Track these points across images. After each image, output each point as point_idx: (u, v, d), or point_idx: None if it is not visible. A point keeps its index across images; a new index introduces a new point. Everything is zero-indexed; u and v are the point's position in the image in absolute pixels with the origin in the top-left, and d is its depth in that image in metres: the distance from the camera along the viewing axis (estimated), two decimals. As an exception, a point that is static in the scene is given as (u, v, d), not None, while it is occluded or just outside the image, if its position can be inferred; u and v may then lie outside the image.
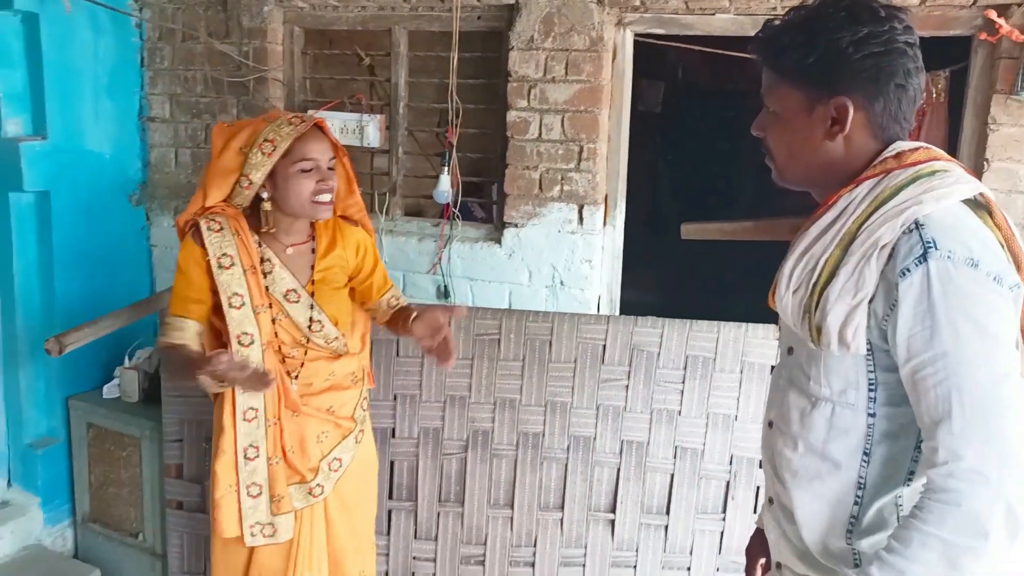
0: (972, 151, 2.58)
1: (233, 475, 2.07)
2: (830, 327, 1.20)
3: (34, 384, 3.20)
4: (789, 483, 1.33)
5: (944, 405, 1.11)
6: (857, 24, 1.20)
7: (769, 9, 2.67)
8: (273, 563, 2.13)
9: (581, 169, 2.92)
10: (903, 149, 1.24)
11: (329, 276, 2.13)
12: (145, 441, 2.99)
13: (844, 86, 1.22)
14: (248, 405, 2.05)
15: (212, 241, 1.98)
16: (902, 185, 1.19)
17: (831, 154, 1.26)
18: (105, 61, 3.30)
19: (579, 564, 2.63)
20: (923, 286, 1.12)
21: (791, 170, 1.32)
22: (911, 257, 1.13)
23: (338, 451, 2.16)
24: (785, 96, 1.27)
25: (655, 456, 2.55)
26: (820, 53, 1.21)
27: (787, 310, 1.28)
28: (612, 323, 2.54)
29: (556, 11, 2.84)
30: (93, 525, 3.21)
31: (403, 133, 3.26)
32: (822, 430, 1.28)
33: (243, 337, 2.01)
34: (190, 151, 3.46)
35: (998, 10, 2.44)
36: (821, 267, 1.22)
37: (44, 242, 3.15)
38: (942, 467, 1.11)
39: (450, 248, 3.14)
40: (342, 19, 3.21)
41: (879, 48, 1.20)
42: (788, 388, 1.35)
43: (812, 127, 1.25)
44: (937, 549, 1.10)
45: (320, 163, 1.99)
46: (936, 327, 1.11)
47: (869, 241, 1.17)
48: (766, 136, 1.32)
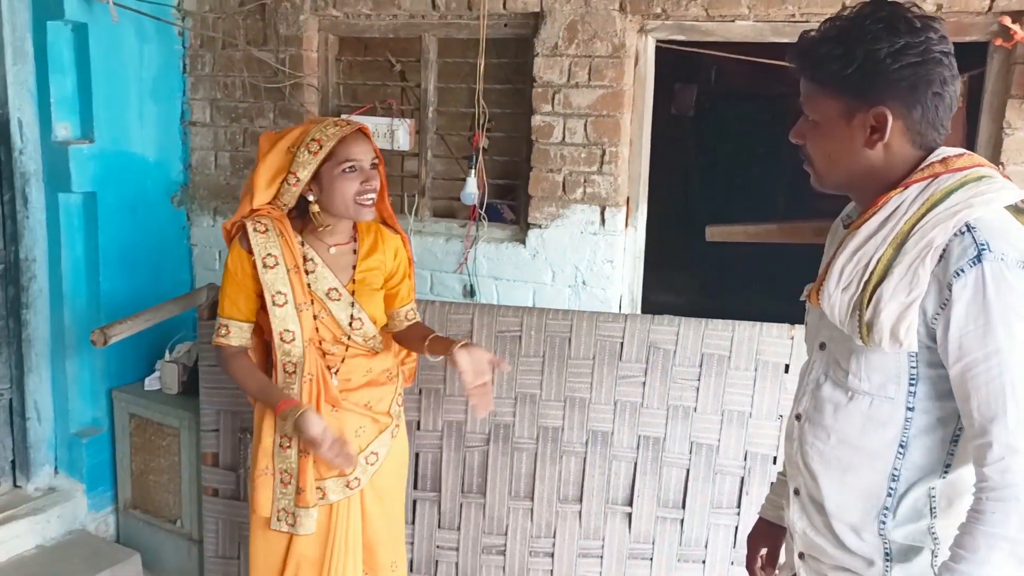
0: (988, 155, 2.60)
1: (269, 460, 2.20)
2: (883, 324, 1.23)
3: (80, 376, 3.36)
4: (820, 475, 1.38)
5: (998, 402, 1.16)
6: (894, 35, 1.23)
7: (788, 16, 2.72)
8: (310, 552, 2.22)
9: (603, 172, 3.00)
10: (948, 155, 1.29)
11: (369, 277, 2.22)
12: (184, 431, 3.12)
13: (883, 96, 1.26)
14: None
15: (258, 242, 2.09)
16: (952, 189, 1.23)
17: (870, 161, 1.30)
18: (149, 68, 3.45)
19: (597, 555, 2.70)
20: (977, 286, 1.17)
21: (831, 176, 1.36)
22: (965, 258, 1.18)
23: (375, 445, 2.25)
24: (824, 105, 1.31)
25: (671, 451, 2.62)
26: (859, 64, 1.24)
27: (835, 307, 1.31)
28: (630, 321, 2.61)
29: (580, 19, 2.93)
30: (134, 511, 3.36)
31: (432, 137, 3.37)
32: (858, 423, 1.33)
33: (285, 334, 2.12)
34: (229, 154, 3.60)
35: (1013, 16, 2.48)
36: (874, 266, 1.25)
37: (91, 241, 3.30)
38: (999, 463, 1.16)
39: (476, 248, 3.24)
40: (374, 27, 3.33)
41: (916, 58, 1.23)
42: (822, 382, 1.40)
43: (852, 135, 1.29)
44: (1005, 549, 1.15)
45: (363, 164, 2.10)
46: (989, 326, 1.17)
47: (923, 242, 1.21)
48: (805, 143, 1.37)
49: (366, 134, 2.14)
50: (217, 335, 2.18)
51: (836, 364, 1.37)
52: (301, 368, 2.13)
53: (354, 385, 2.24)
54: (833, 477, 1.37)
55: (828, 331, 1.40)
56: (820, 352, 1.43)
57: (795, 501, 1.47)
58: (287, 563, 2.25)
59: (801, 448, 1.43)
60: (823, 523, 1.40)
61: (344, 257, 2.21)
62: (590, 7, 2.91)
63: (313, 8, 3.33)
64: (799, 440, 1.44)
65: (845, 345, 1.34)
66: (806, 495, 1.43)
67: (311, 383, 2.13)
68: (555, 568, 2.72)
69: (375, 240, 2.26)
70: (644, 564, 2.68)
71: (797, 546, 1.48)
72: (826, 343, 1.41)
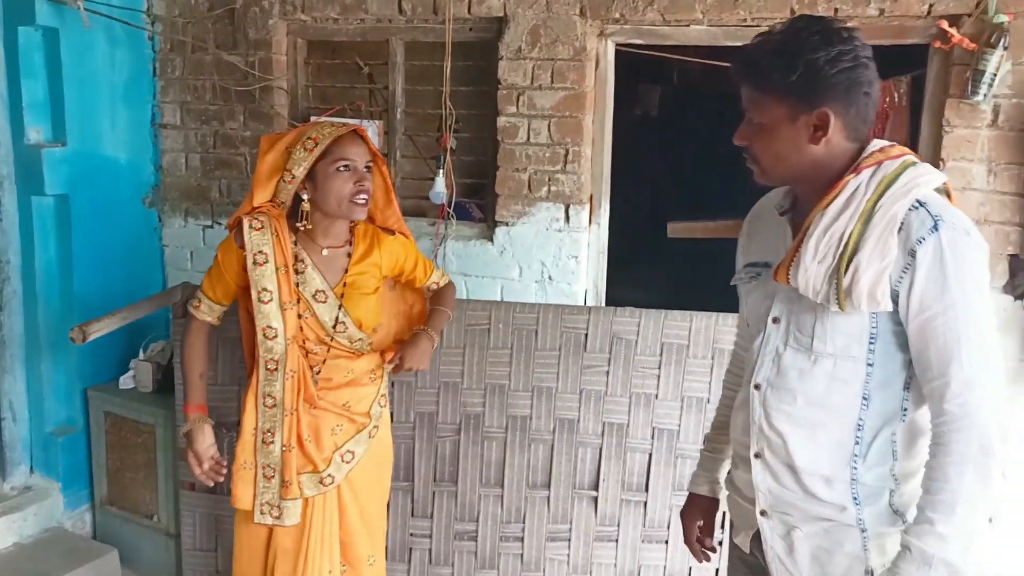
0: (929, 151, 2.76)
1: (250, 454, 2.27)
2: (862, 289, 1.39)
3: (54, 376, 3.40)
4: (789, 435, 1.53)
5: (954, 347, 1.36)
6: (829, 44, 1.40)
7: (740, 20, 2.86)
8: (287, 545, 2.28)
9: (567, 171, 3.12)
10: (884, 145, 1.48)
11: (360, 281, 2.27)
12: (159, 428, 3.18)
13: (823, 98, 1.42)
14: (266, 392, 2.24)
15: (252, 238, 2.17)
16: (899, 172, 1.42)
17: (814, 155, 1.47)
18: (120, 72, 3.50)
19: (565, 539, 2.81)
20: (936, 251, 1.36)
21: (778, 172, 1.52)
22: (924, 228, 1.36)
23: (351, 444, 2.30)
24: (770, 109, 1.46)
25: (634, 437, 2.74)
26: (801, 71, 1.40)
27: (810, 279, 1.45)
28: (593, 313, 2.73)
29: (542, 23, 3.04)
30: (110, 508, 3.41)
31: (401, 138, 3.46)
32: (823, 383, 1.49)
33: (268, 331, 2.19)
34: (200, 156, 3.66)
35: (950, 20, 2.63)
36: (847, 240, 1.41)
37: (63, 242, 3.34)
38: (957, 398, 1.36)
39: (445, 246, 3.33)
40: (342, 31, 3.41)
41: (849, 63, 1.41)
42: (782, 351, 1.55)
43: (797, 134, 1.45)
44: (970, 471, 1.34)
45: (357, 164, 2.16)
46: (946, 284, 1.36)
47: (888, 216, 1.39)
48: (750, 144, 1.52)
49: (363, 136, 2.20)
50: (191, 304, 2.34)
51: (796, 333, 1.52)
52: (283, 365, 2.20)
53: (335, 385, 2.29)
54: (803, 435, 1.52)
55: (784, 305, 1.55)
56: (774, 326, 1.57)
57: (756, 463, 1.60)
58: (267, 555, 2.32)
59: (765, 413, 1.56)
60: (792, 480, 1.54)
61: (337, 260, 2.26)
62: (552, 12, 3.02)
63: (282, 12, 3.40)
64: (762, 406, 1.57)
65: (807, 316, 1.50)
66: (771, 456, 1.56)
67: (292, 380, 2.20)
68: (525, 552, 2.83)
69: (371, 245, 2.30)
70: (610, 546, 2.80)
71: (759, 505, 1.61)
72: (780, 317, 1.56)
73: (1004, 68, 2.56)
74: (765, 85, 1.45)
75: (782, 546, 1.58)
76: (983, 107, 2.62)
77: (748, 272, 1.66)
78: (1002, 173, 2.65)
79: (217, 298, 2.31)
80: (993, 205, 2.67)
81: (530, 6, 3.04)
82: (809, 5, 2.75)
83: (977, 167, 2.67)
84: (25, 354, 3.38)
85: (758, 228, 1.69)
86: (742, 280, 1.68)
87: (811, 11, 2.75)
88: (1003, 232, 2.67)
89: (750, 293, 1.65)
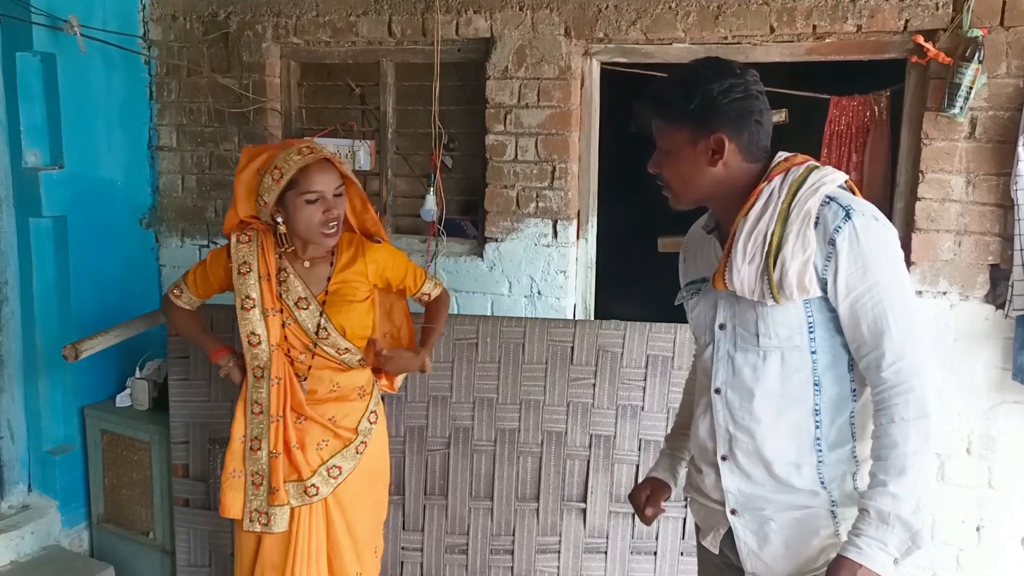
0: (909, 164, 2.80)
1: (240, 463, 2.31)
2: (791, 280, 1.52)
3: (52, 395, 3.44)
4: (755, 428, 1.62)
5: (883, 320, 1.50)
6: (723, 77, 1.57)
7: (721, 38, 2.91)
8: (274, 558, 2.31)
9: (554, 187, 3.16)
10: (787, 155, 1.63)
11: (344, 289, 2.31)
12: (155, 445, 3.21)
13: (718, 124, 1.57)
14: (254, 399, 2.29)
15: (239, 251, 2.28)
16: (806, 175, 1.57)
17: (715, 176, 1.61)
18: (117, 95, 3.57)
19: (554, 551, 2.83)
20: (852, 237, 1.49)
21: (686, 193, 1.65)
22: (838, 219, 1.50)
23: (337, 459, 2.33)
24: (673, 136, 1.61)
25: (621, 448, 2.77)
26: (699, 100, 1.56)
27: (744, 279, 1.57)
28: (579, 326, 2.77)
29: (527, 43, 3.10)
30: (107, 525, 3.44)
31: (393, 157, 3.52)
32: (776, 375, 1.60)
33: (252, 337, 2.26)
34: (195, 177, 3.72)
35: (925, 35, 2.67)
36: (770, 239, 1.54)
37: (61, 264, 3.40)
38: (892, 366, 1.48)
39: (436, 262, 3.38)
40: (334, 53, 3.48)
41: (740, 94, 1.56)
42: (732, 353, 1.66)
43: (697, 157, 1.60)
44: (913, 433, 1.46)
45: (325, 193, 2.19)
46: (867, 265, 1.49)
47: (802, 213, 1.52)
48: (661, 171, 1.66)
49: (332, 161, 2.22)
50: (171, 291, 2.47)
51: (743, 334, 1.64)
52: (268, 372, 2.25)
53: (320, 398, 2.33)
54: (767, 427, 1.62)
55: (726, 311, 1.68)
56: (721, 332, 1.69)
57: (724, 466, 1.69)
58: (255, 566, 2.35)
59: (730, 414, 1.66)
60: (764, 473, 1.63)
61: (320, 269, 2.31)
62: (537, 32, 3.08)
63: (275, 36, 3.47)
64: (725, 408, 1.67)
65: (749, 315, 1.62)
66: (741, 455, 1.65)
67: (278, 386, 2.25)
68: (515, 565, 2.85)
69: (355, 254, 2.34)
70: (599, 557, 2.82)
71: (729, 505, 1.68)
72: (725, 323, 1.68)
73: (980, 81, 2.60)
74: (668, 114, 1.61)
75: (755, 540, 1.66)
76: (960, 120, 2.65)
77: (689, 290, 1.80)
78: (980, 184, 2.68)
79: (198, 292, 2.43)
80: (972, 216, 2.70)
81: (516, 27, 3.11)
82: (788, 22, 2.80)
83: (956, 179, 2.70)
84: (23, 373, 3.42)
85: (692, 251, 1.84)
86: (685, 298, 1.82)
87: (789, 28, 2.80)
88: (983, 243, 2.70)
89: (694, 308, 1.77)
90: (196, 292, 2.44)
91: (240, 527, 2.35)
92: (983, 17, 2.60)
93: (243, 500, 2.29)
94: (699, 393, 1.77)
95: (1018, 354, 2.65)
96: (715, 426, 1.69)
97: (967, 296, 2.73)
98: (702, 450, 1.75)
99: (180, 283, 2.46)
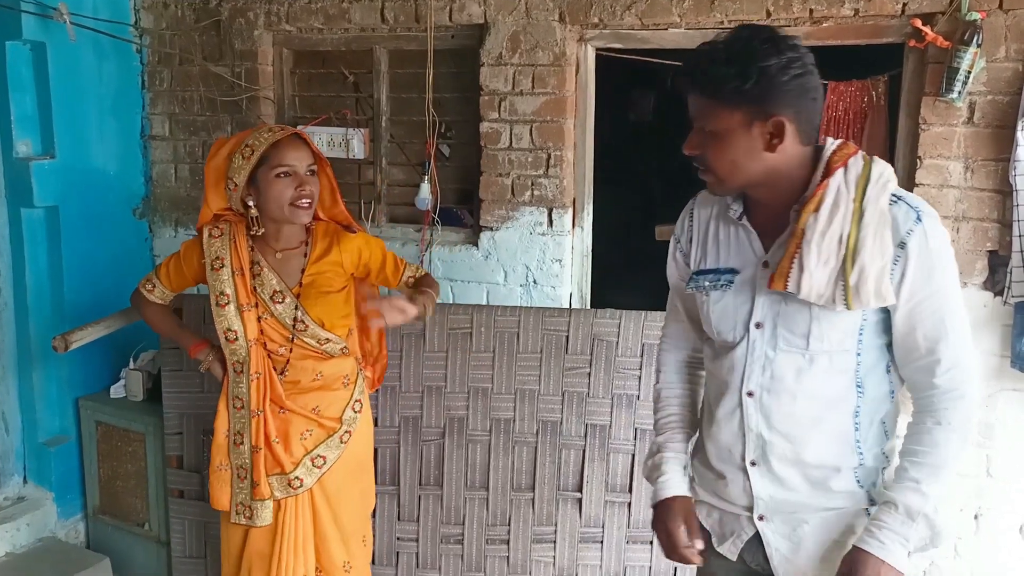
0: (907, 150, 2.77)
1: (225, 456, 2.30)
2: (870, 286, 1.44)
3: (46, 387, 3.43)
4: (794, 434, 1.56)
5: (941, 326, 1.47)
6: (780, 52, 1.41)
7: (717, 23, 2.87)
8: (261, 548, 2.31)
9: (549, 175, 3.14)
10: (836, 144, 1.52)
11: (320, 280, 2.28)
12: (149, 436, 3.20)
13: (777, 105, 1.44)
14: (235, 395, 2.27)
15: (211, 246, 2.23)
16: (868, 169, 1.48)
17: (770, 162, 1.49)
18: (108, 84, 3.54)
19: (550, 541, 2.82)
20: (923, 241, 1.44)
21: (734, 180, 1.52)
22: (909, 221, 1.45)
23: (322, 449, 2.32)
24: (724, 117, 1.46)
25: (617, 438, 2.75)
26: (755, 79, 1.41)
27: (815, 282, 1.46)
28: (574, 315, 2.75)
29: (522, 29, 3.06)
30: (103, 517, 3.44)
31: (387, 145, 3.49)
32: (821, 379, 1.53)
33: (229, 333, 2.23)
34: (188, 166, 3.69)
35: (924, 19, 2.64)
36: (846, 240, 1.45)
37: (54, 254, 3.38)
38: (947, 373, 1.47)
39: (431, 252, 3.36)
40: (327, 40, 3.45)
41: (799, 70, 1.43)
42: (772, 356, 1.55)
43: (752, 142, 1.47)
44: (956, 439, 1.48)
45: (297, 168, 2.16)
46: (932, 270, 1.46)
47: (877, 213, 1.44)
48: (703, 153, 1.52)
49: (304, 139, 2.20)
50: (143, 286, 2.42)
51: (787, 336, 1.54)
52: (247, 367, 2.23)
53: (303, 388, 2.30)
54: (808, 430, 1.55)
55: (766, 310, 1.56)
56: (758, 331, 1.57)
57: (754, 471, 1.61)
58: (243, 557, 2.34)
59: (764, 418, 1.57)
60: (800, 478, 1.57)
61: (293, 260, 2.28)
62: (531, 18, 3.05)
63: (267, 24, 3.44)
64: (759, 413, 1.58)
65: (799, 317, 1.52)
66: (775, 459, 1.58)
67: (258, 381, 2.24)
68: (511, 555, 2.84)
69: (330, 244, 2.30)
70: (595, 547, 2.80)
71: (757, 511, 1.62)
72: (762, 322, 1.57)
73: (978, 65, 2.56)
74: (718, 93, 1.45)
75: (787, 546, 1.61)
76: (958, 104, 2.62)
77: (710, 279, 1.65)
78: (979, 170, 2.65)
79: (171, 286, 2.39)
80: (971, 202, 2.67)
81: (510, 12, 3.07)
82: (784, 6, 2.76)
83: (954, 164, 2.67)
84: (17, 365, 3.41)
85: (712, 233, 1.67)
86: (703, 288, 1.66)
87: (786, 12, 2.77)
88: (982, 228, 2.67)
89: (718, 300, 1.63)
90: (170, 286, 2.40)
91: (224, 520, 2.34)
92: (982, 0, 2.57)
93: (230, 493, 2.28)
94: (717, 393, 1.66)
95: (1017, 341, 2.62)
96: (745, 430, 1.60)
97: (965, 283, 2.70)
98: (725, 454, 1.65)
99: (152, 277, 2.41)
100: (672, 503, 1.74)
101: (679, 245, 1.76)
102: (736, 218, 1.62)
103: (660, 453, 1.80)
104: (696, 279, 1.68)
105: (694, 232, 1.71)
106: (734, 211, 1.62)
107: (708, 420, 1.71)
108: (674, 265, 1.78)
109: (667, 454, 1.78)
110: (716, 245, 1.66)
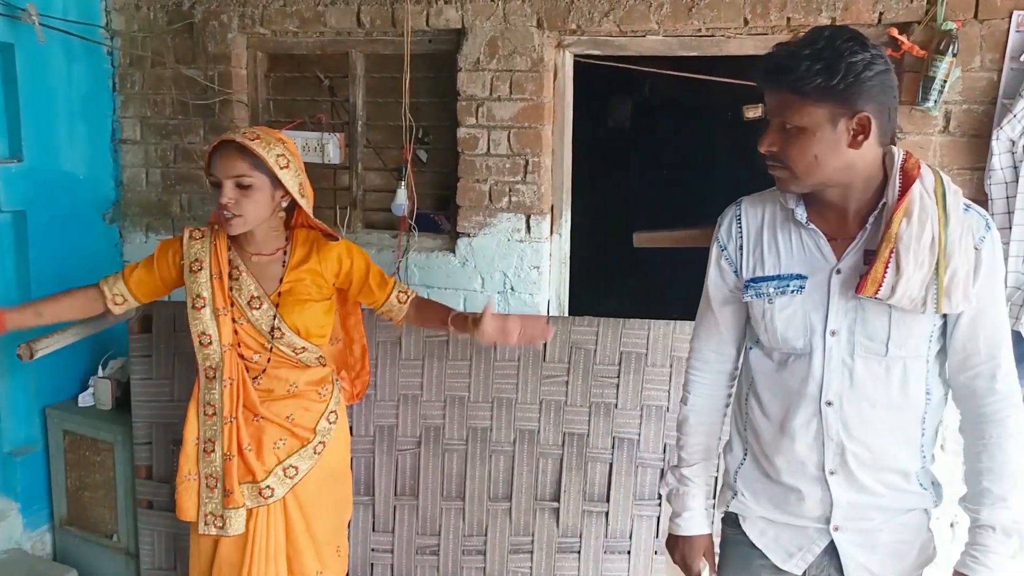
0: (884, 158, 2.78)
1: (194, 465, 2.25)
2: (960, 289, 1.49)
3: (13, 395, 3.34)
4: (873, 441, 1.59)
5: (999, 332, 1.55)
6: (864, 50, 1.45)
7: (695, 30, 2.87)
8: (232, 557, 2.27)
9: (527, 181, 3.11)
10: (905, 153, 1.55)
11: (298, 287, 2.23)
12: (117, 446, 3.13)
13: (863, 102, 1.46)
14: (207, 401, 2.22)
15: (191, 247, 2.20)
16: (939, 177, 1.53)
17: (850, 159, 1.50)
18: (78, 87, 3.47)
19: (527, 551, 2.79)
20: (991, 248, 1.52)
21: (811, 176, 1.52)
22: (981, 227, 1.52)
23: (294, 459, 2.27)
24: (810, 113, 1.47)
25: (595, 447, 2.73)
26: (842, 75, 1.43)
27: (912, 286, 1.48)
28: (552, 323, 2.71)
29: (499, 35, 3.04)
30: (70, 528, 3.35)
31: (363, 150, 3.45)
32: (897, 385, 1.57)
33: (203, 337, 2.19)
34: (160, 171, 3.63)
35: (900, 28, 2.65)
36: (938, 245, 1.48)
37: (21, 259, 3.29)
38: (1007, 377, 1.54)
39: (408, 258, 3.32)
40: (302, 44, 3.40)
41: (883, 67, 1.47)
42: (850, 363, 1.57)
43: (837, 138, 1.48)
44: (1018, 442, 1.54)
45: (220, 179, 2.06)
46: (995, 276, 1.54)
47: (959, 219, 1.49)
48: (782, 150, 1.52)
49: (244, 147, 2.04)
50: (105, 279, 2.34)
51: (866, 343, 1.56)
52: (220, 373, 2.18)
53: (277, 396, 2.26)
54: (885, 436, 1.59)
55: (842, 317, 1.57)
56: (833, 339, 1.57)
57: (833, 480, 1.62)
58: (213, 567, 2.30)
59: (844, 426, 1.59)
60: (878, 483, 1.61)
61: (272, 267, 2.24)
62: (509, 24, 3.03)
63: (241, 26, 3.39)
64: (839, 421, 1.59)
65: (878, 323, 1.55)
66: (855, 466, 1.60)
67: (231, 387, 2.19)
68: (488, 565, 2.80)
69: (309, 251, 2.25)
70: (572, 557, 2.78)
71: (834, 521, 1.64)
72: (837, 329, 1.57)
73: (954, 74, 2.58)
74: (804, 89, 1.46)
75: (862, 554, 1.64)
76: (934, 113, 2.63)
77: (774, 286, 1.62)
78: (955, 178, 2.63)
79: (139, 293, 2.30)
80: (947, 210, 2.68)
81: (487, 18, 3.05)
82: (762, 14, 2.76)
83: (930, 173, 2.68)
84: (-18, 373, 3.33)
85: (767, 239, 1.65)
86: (766, 295, 1.63)
87: (763, 20, 2.76)
88: (957, 237, 2.68)
89: (784, 308, 1.61)
90: (131, 284, 2.30)
91: (194, 530, 2.29)
92: (957, 10, 2.58)
93: (197, 503, 2.23)
94: (785, 404, 1.64)
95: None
96: (825, 440, 1.60)
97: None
98: (797, 467, 1.64)
99: (117, 274, 2.31)
100: (695, 540, 1.82)
101: (724, 253, 1.72)
102: (803, 222, 1.60)
103: (687, 486, 1.82)
104: (755, 286, 1.65)
105: (744, 239, 1.68)
106: (800, 215, 1.60)
107: (773, 434, 1.67)
108: (718, 274, 1.74)
109: (693, 489, 1.81)
110: (775, 251, 1.64)
